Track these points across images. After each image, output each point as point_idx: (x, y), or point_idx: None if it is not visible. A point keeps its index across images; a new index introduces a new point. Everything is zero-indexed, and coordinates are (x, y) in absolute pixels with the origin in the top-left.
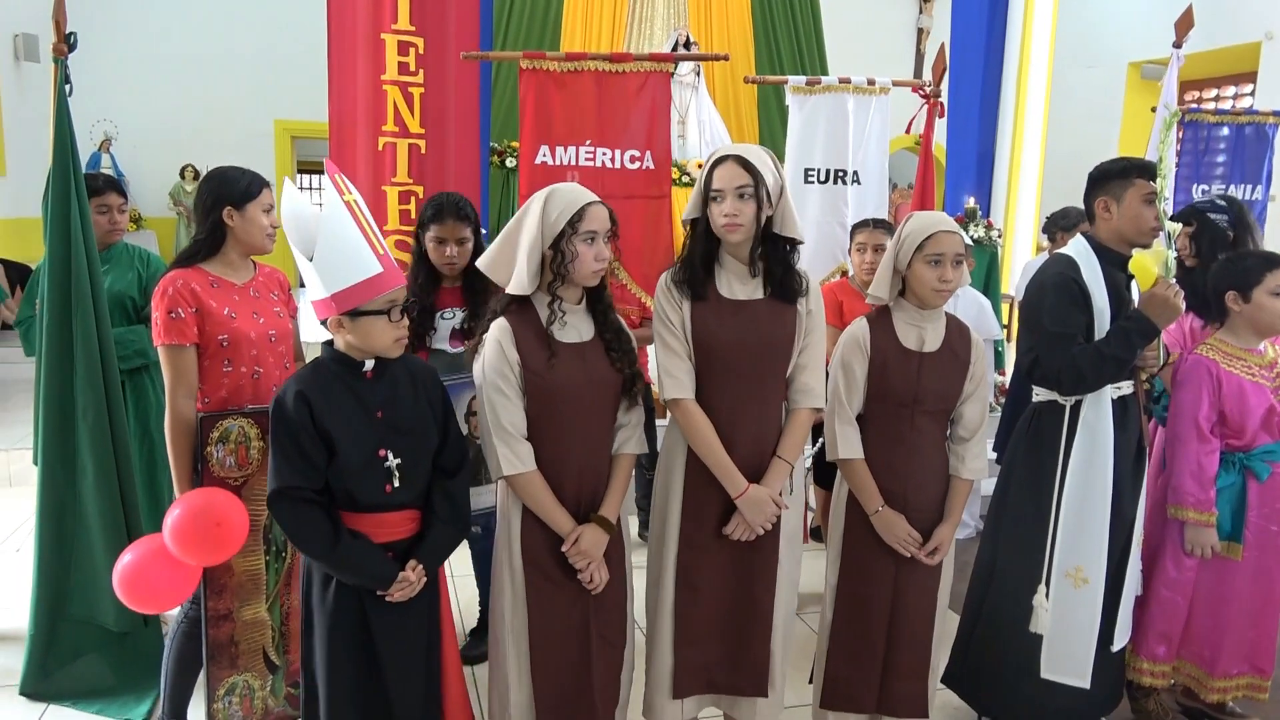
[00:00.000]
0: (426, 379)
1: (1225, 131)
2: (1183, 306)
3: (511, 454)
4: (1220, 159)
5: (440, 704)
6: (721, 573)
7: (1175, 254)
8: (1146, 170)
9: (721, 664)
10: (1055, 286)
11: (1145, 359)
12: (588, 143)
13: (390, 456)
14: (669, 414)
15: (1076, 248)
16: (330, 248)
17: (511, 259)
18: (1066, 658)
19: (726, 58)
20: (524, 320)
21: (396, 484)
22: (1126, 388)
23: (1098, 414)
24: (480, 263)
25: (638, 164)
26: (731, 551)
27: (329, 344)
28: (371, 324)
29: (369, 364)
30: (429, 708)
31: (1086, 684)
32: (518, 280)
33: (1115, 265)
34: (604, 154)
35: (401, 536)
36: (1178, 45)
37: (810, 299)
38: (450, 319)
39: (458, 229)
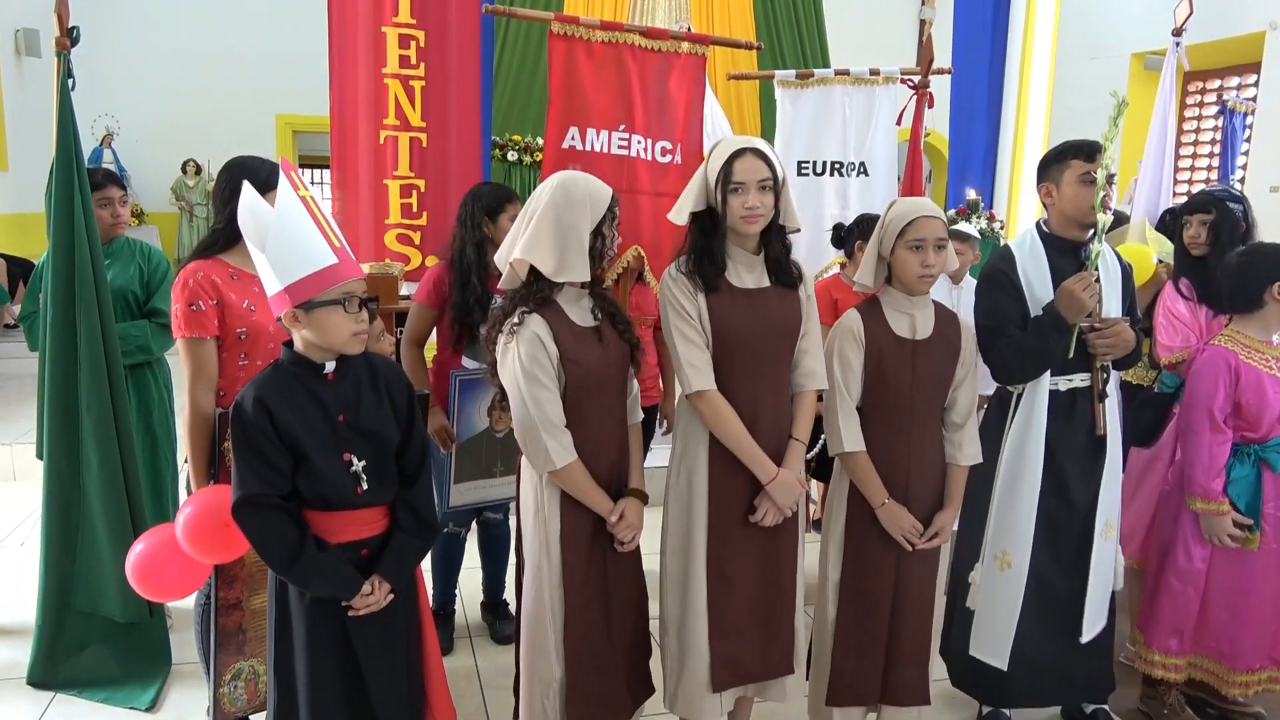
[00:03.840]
0: (390, 376)
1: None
2: (1091, 303)
3: (560, 446)
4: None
5: (423, 704)
6: (752, 560)
7: (1104, 243)
8: (1083, 150)
9: (754, 652)
10: (985, 279)
11: (1111, 348)
12: (621, 127)
13: (355, 460)
14: (677, 409)
15: (1019, 238)
16: (283, 239)
17: (565, 247)
18: (989, 638)
19: (760, 46)
20: (551, 313)
21: (365, 486)
22: (1078, 380)
23: (1032, 405)
24: (525, 253)
25: (669, 157)
26: (759, 537)
27: (288, 345)
28: (327, 315)
29: (330, 365)
30: (412, 707)
31: (1004, 666)
32: (579, 268)
33: (1064, 252)
34: (639, 142)
35: (374, 533)
36: (1177, 33)
37: (806, 285)
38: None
39: None
